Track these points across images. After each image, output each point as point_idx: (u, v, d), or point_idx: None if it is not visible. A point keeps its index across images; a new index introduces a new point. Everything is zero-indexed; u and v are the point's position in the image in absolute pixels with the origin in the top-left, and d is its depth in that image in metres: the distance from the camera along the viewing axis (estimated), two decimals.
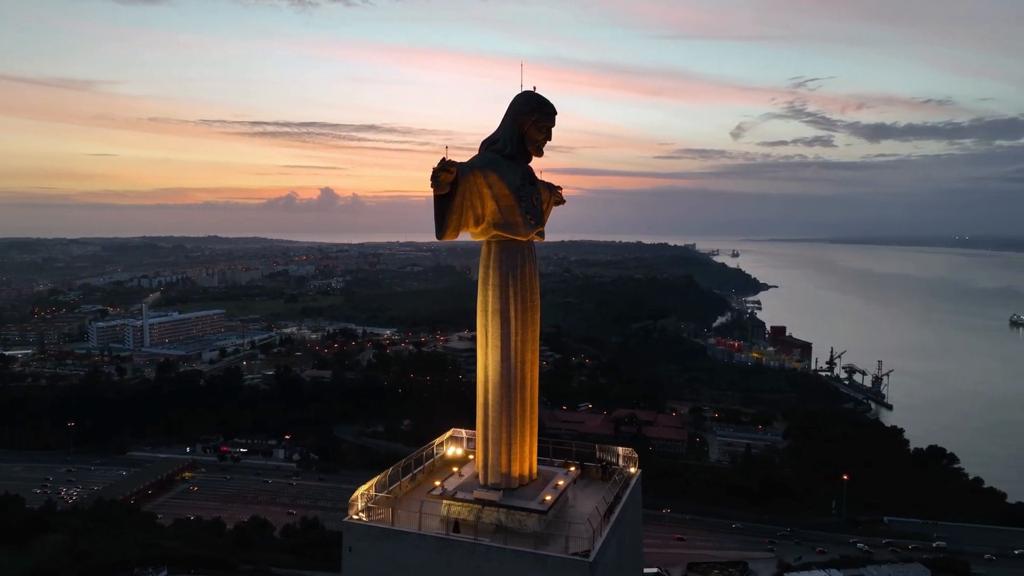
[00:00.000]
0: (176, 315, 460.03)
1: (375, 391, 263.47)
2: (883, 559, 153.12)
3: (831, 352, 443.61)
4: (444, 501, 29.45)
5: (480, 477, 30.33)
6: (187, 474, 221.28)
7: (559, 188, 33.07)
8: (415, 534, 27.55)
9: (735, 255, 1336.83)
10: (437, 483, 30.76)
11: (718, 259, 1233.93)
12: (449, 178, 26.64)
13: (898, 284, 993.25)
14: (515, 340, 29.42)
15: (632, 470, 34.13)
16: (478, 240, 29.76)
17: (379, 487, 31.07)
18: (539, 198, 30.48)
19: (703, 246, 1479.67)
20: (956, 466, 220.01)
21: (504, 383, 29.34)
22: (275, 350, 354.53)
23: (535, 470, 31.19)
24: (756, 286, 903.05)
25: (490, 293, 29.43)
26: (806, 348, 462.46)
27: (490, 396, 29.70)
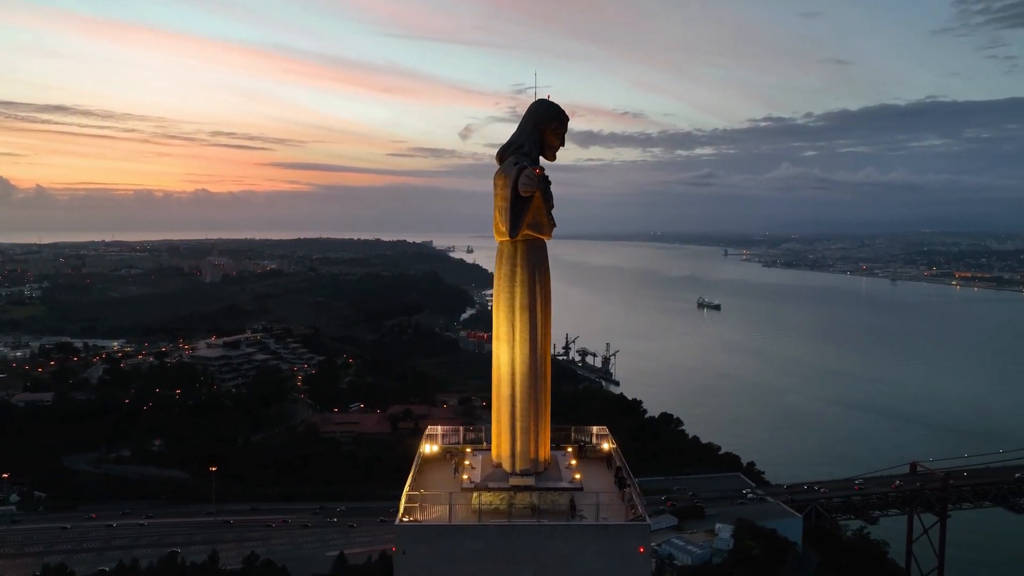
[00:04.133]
0: None
1: (114, 412, 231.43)
2: None
3: (566, 338, 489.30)
4: (475, 492, 30.40)
5: (507, 465, 31.68)
6: None
7: None
8: (474, 526, 28.32)
9: (470, 251, 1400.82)
10: (465, 477, 31.50)
11: (455, 255, 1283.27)
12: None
13: (610, 275, 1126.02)
14: (540, 333, 31.42)
15: (605, 446, 37.81)
16: (502, 239, 31.10)
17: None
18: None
19: (440, 242, 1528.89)
20: (681, 428, 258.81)
21: (532, 374, 31.15)
22: None
23: (549, 454, 33.43)
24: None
25: (518, 290, 30.98)
26: None
27: (518, 388, 31.25)
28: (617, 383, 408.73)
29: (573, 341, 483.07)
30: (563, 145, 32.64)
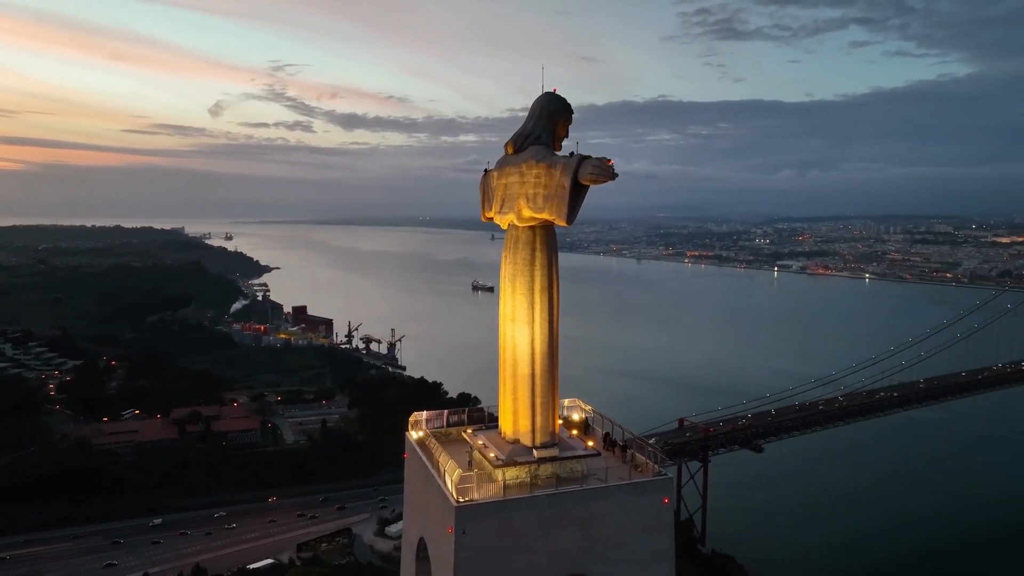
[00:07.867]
0: None
1: None
2: None
3: (349, 325, 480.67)
4: (503, 468, 31.75)
5: (526, 440, 33.17)
6: None
7: None
8: (528, 498, 29.83)
9: (229, 238, 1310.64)
10: (492, 455, 32.50)
11: (212, 242, 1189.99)
12: None
13: (383, 260, 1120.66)
14: (555, 315, 33.45)
15: (576, 416, 40.67)
16: (523, 224, 32.46)
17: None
18: None
19: (193, 229, 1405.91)
20: (480, 405, 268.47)
21: (550, 353, 33.12)
22: None
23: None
24: (260, 268, 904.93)
25: (537, 273, 32.61)
26: (329, 324, 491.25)
27: (537, 366, 32.94)
28: (403, 368, 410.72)
29: (356, 329, 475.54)
30: (568, 136, 34.68)
